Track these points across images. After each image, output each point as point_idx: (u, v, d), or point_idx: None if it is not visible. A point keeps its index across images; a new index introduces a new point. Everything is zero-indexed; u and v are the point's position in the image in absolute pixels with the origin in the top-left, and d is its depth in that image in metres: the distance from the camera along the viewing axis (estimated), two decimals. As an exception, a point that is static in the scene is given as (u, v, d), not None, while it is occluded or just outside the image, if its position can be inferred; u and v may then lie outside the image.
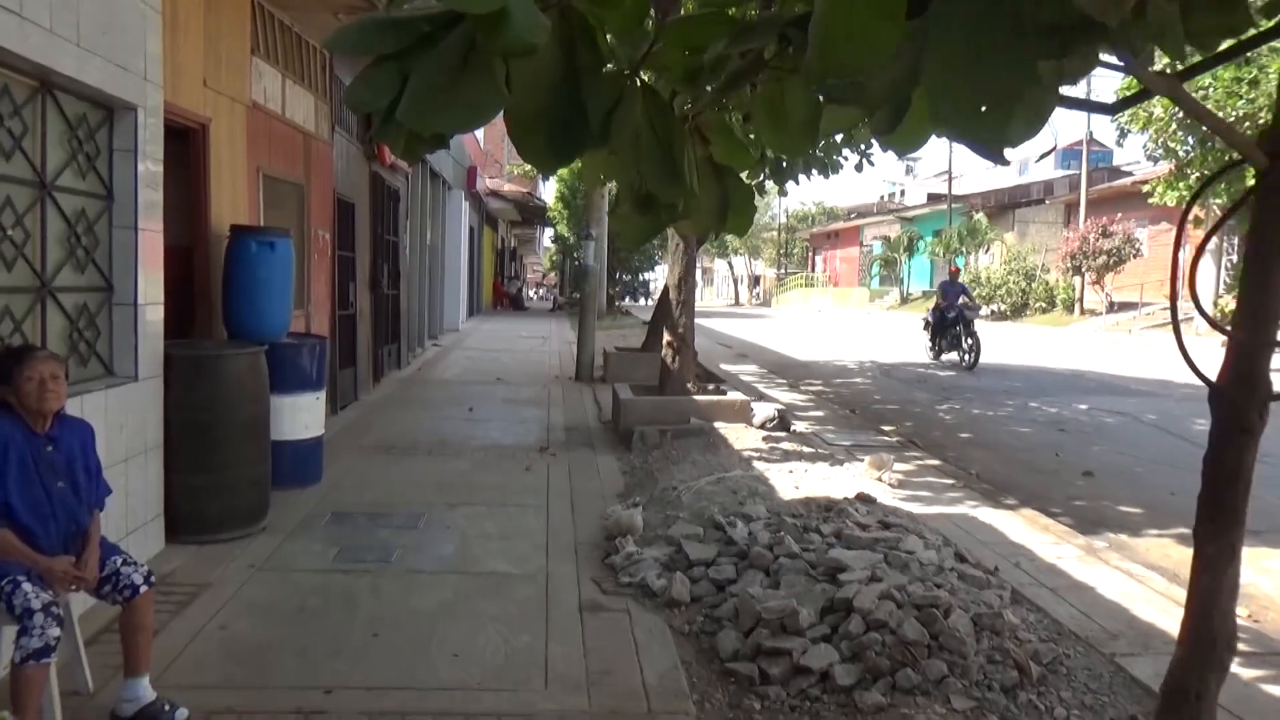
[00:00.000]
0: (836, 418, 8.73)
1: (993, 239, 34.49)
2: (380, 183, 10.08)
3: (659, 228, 1.85)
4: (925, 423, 9.29)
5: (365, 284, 9.45)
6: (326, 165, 7.84)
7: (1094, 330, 24.64)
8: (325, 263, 7.84)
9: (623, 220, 1.82)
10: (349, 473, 6.02)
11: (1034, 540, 4.67)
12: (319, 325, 7.64)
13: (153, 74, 4.16)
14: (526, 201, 28.67)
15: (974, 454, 7.69)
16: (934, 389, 11.99)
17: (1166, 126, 20.16)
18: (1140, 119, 20.76)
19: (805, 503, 4.83)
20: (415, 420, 8.08)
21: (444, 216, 17.05)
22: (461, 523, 5.03)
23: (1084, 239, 26.14)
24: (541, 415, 8.59)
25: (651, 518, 4.92)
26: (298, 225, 7.19)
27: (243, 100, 5.98)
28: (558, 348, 15.83)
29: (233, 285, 5.41)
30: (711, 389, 8.10)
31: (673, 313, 7.67)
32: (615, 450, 7.07)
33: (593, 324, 11.27)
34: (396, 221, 11.17)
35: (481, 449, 6.95)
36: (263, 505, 4.80)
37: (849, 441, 7.17)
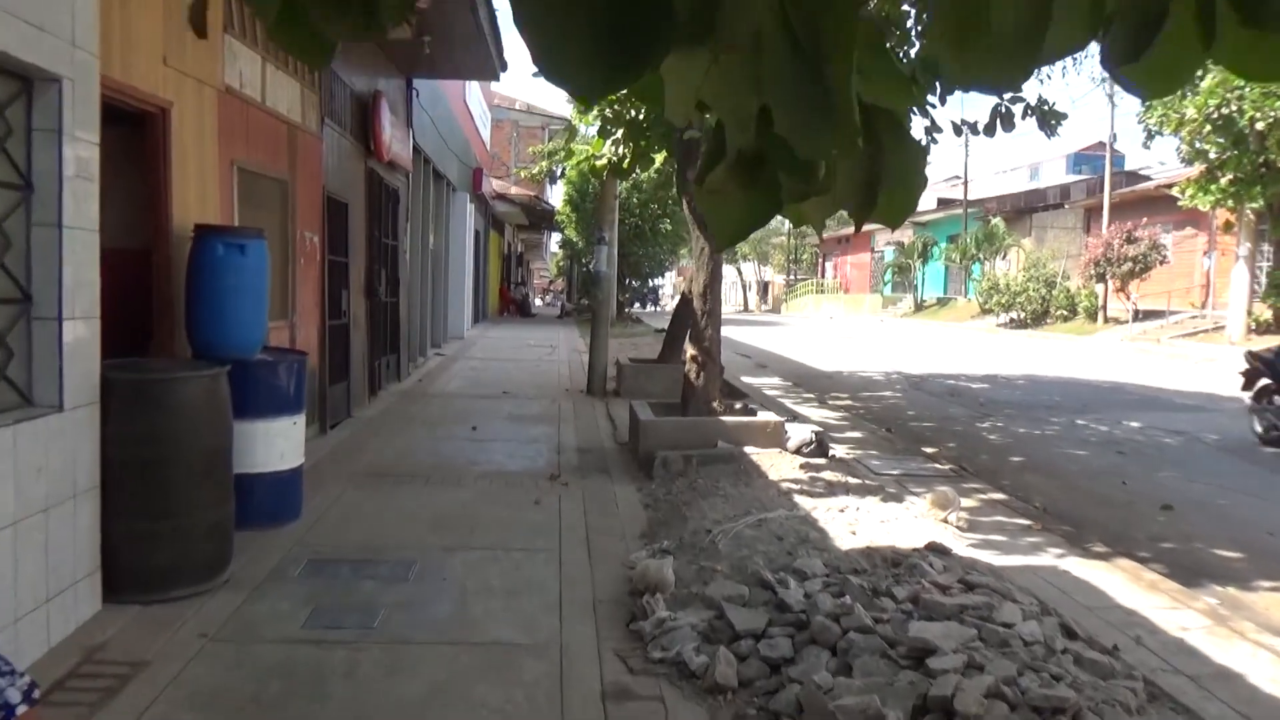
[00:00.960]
0: (875, 440, 7.96)
1: (1010, 244, 33.67)
2: (377, 181, 9.36)
3: (770, 211, 1.11)
4: (969, 443, 8.51)
5: (360, 291, 8.73)
6: (315, 160, 7.12)
7: (1120, 339, 23.81)
8: (313, 268, 7.11)
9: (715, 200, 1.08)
10: (334, 507, 5.28)
11: (1145, 603, 3.90)
12: (305, 337, 6.91)
13: (84, 40, 3.43)
14: (534, 205, 27.96)
15: (1032, 481, 6.92)
16: (970, 404, 11.21)
17: (1200, 128, 19.36)
18: (1172, 120, 19.99)
19: (867, 554, 4.06)
20: (413, 441, 7.34)
21: (448, 219, 16.34)
22: (460, 572, 4.28)
23: (1108, 245, 25.32)
24: (551, 434, 7.85)
25: (683, 569, 4.16)
26: (280, 226, 6.46)
27: (213, 83, 5.25)
28: (567, 357, 15.09)
29: (197, 294, 4.68)
30: (739, 408, 7.34)
31: (697, 323, 6.92)
32: (634, 478, 6.32)
33: (605, 334, 10.53)
34: (396, 224, 10.45)
35: (485, 476, 6.20)
36: (223, 554, 4.06)
37: (897, 470, 6.40)
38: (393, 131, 9.55)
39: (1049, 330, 27.89)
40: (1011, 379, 14.24)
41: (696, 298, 6.96)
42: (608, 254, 10.47)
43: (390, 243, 10.12)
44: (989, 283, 31.27)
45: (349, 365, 8.18)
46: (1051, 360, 18.47)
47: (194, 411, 3.84)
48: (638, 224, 24.72)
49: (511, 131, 35.12)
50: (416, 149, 12.01)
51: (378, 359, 9.48)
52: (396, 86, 10.56)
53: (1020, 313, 29.51)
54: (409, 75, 11.06)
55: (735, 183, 1.04)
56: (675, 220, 25.59)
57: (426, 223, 13.50)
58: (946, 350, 20.97)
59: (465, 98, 18.14)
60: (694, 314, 7.00)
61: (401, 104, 10.77)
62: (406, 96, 11.10)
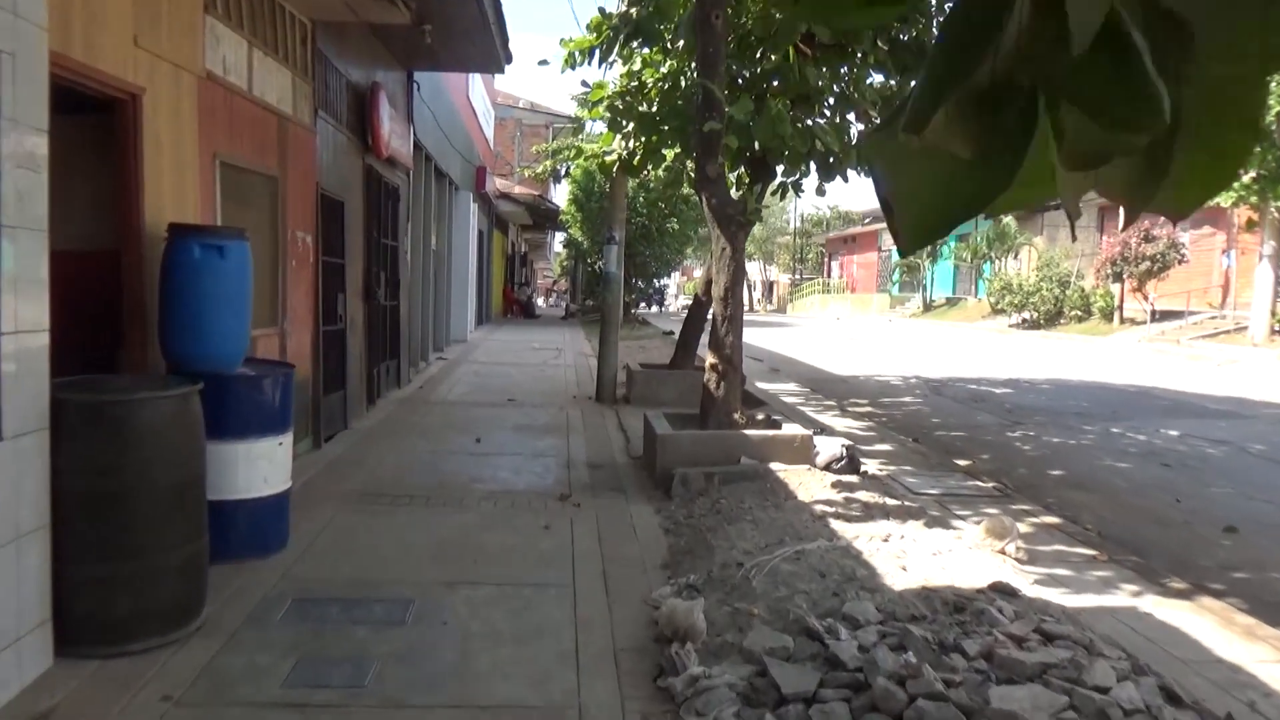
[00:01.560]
0: (906, 453, 7.47)
1: (1022, 243, 33.13)
2: (376, 179, 8.89)
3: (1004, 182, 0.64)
4: (1003, 455, 8.02)
5: (358, 294, 8.26)
6: (308, 155, 6.66)
7: (1137, 340, 23.28)
8: (306, 270, 6.65)
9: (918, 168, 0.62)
10: (324, 533, 4.81)
11: (1246, 655, 3.42)
12: (298, 345, 6.45)
13: (30, 11, 2.96)
14: (538, 204, 27.51)
15: (1077, 498, 6.44)
16: (996, 410, 10.72)
17: (1223, 123, 18.79)
18: (1193, 115, 19.42)
19: (924, 596, 3.59)
20: (412, 455, 6.87)
21: (451, 219, 15.89)
22: (463, 613, 3.82)
23: (1125, 244, 24.78)
24: (560, 447, 7.37)
25: (714, 611, 3.69)
26: (270, 226, 6.00)
27: (192, 69, 4.79)
28: (573, 361, 14.62)
29: (171, 301, 4.22)
30: (761, 419, 6.86)
31: (717, 330, 6.44)
32: (651, 497, 5.85)
33: (615, 338, 10.06)
34: (396, 223, 9.99)
35: (490, 496, 5.73)
36: (195, 597, 3.59)
37: (936, 489, 5.92)
38: (392, 126, 9.09)
39: (1063, 331, 27.36)
40: (1035, 383, 13.74)
41: (716, 301, 6.49)
42: (617, 254, 10.00)
43: (390, 243, 9.66)
44: (1001, 282, 30.73)
45: (345, 373, 7.72)
46: (1071, 363, 17.96)
47: (160, 436, 3.37)
48: (644, 224, 24.24)
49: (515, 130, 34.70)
50: (417, 145, 11.55)
51: (376, 365, 9.02)
52: (396, 79, 10.09)
53: (1033, 313, 28.97)
54: (409, 67, 10.60)
55: (968, 135, 0.58)
56: (683, 220, 25.12)
57: (428, 222, 13.04)
58: (961, 352, 20.47)
59: (468, 92, 17.68)
60: (713, 319, 6.52)
61: (402, 97, 10.31)
62: (407, 90, 10.64)
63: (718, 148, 6.42)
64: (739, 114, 6.07)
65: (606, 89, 8.96)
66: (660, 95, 8.87)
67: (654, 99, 8.86)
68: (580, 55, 8.44)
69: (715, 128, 6.21)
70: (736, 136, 6.36)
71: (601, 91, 8.93)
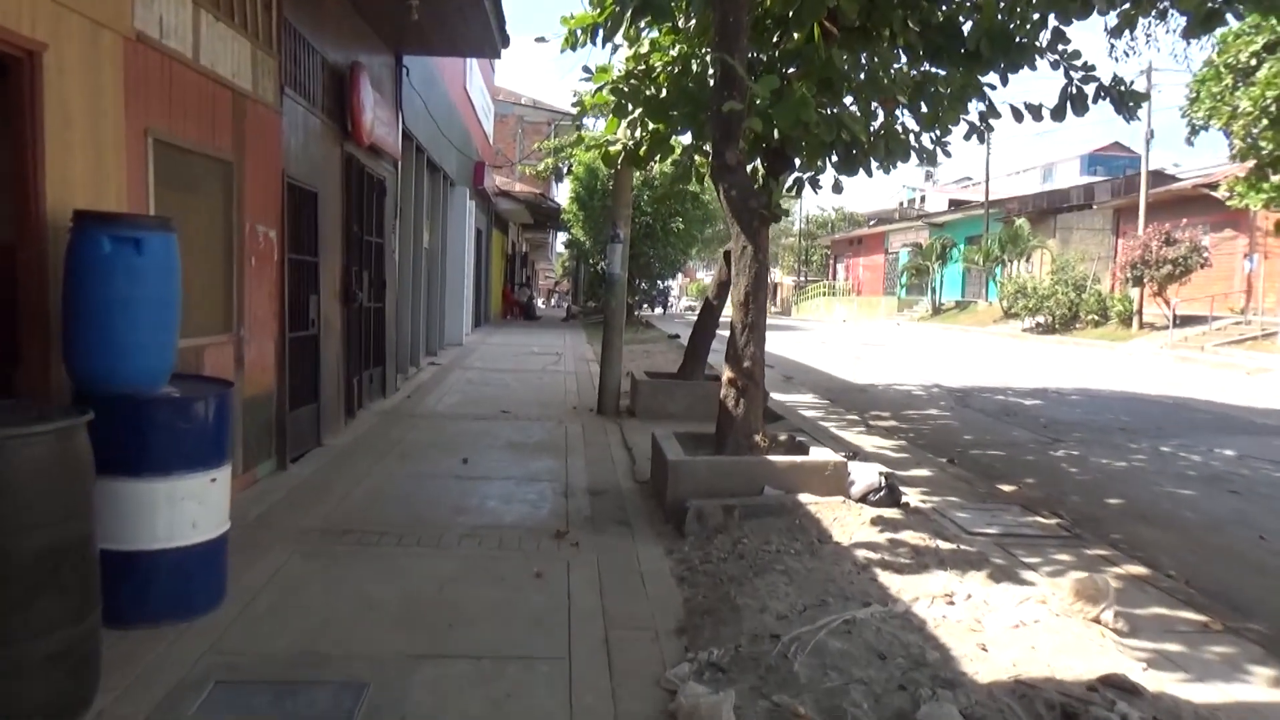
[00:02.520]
0: (945, 478, 6.66)
1: (1036, 246, 32.32)
2: (357, 169, 8.09)
3: None
4: (1051, 479, 7.21)
5: (335, 296, 7.47)
6: (271, 139, 5.86)
7: (1159, 347, 22.46)
8: (269, 269, 5.85)
9: None
10: (270, 587, 4.00)
11: None
12: (258, 355, 5.66)
13: None
14: (539, 203, 26.72)
15: (1146, 535, 5.63)
16: (1030, 424, 9.91)
17: (1255, 121, 18.01)
18: (1223, 114, 18.64)
19: (1020, 694, 2.78)
20: (389, 479, 6.07)
21: (446, 216, 15.09)
22: (428, 703, 3.01)
23: (1145, 246, 23.97)
24: (557, 470, 6.57)
25: (747, 704, 2.89)
26: (222, 217, 5.21)
27: (117, 27, 3.99)
28: (574, 367, 13.82)
29: (75, 307, 3.43)
30: (784, 440, 6.05)
31: (736, 340, 5.63)
32: (661, 533, 5.05)
33: (619, 344, 9.26)
34: (382, 218, 9.19)
35: (474, 532, 4.92)
36: (80, 689, 2.79)
37: (992, 527, 5.10)
38: (376, 111, 8.29)
39: (1079, 336, 26.54)
40: (1064, 393, 12.93)
41: (735, 308, 5.68)
42: (622, 254, 9.19)
43: (374, 240, 8.87)
44: (1015, 286, 29.91)
45: (318, 384, 6.91)
46: (1095, 371, 17.15)
47: (24, 488, 2.56)
48: (649, 222, 23.44)
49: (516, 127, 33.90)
50: (407, 135, 10.75)
51: (357, 374, 8.22)
52: (383, 62, 9.30)
53: (1048, 317, 28.15)
54: (398, 50, 9.81)
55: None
56: (688, 219, 24.31)
57: (420, 218, 12.24)
58: (978, 358, 19.66)
59: (466, 84, 16.89)
60: (731, 328, 5.71)
61: (389, 82, 9.51)
62: (395, 74, 9.84)
63: (738, 132, 5.62)
64: (764, 92, 5.28)
65: (611, 73, 8.16)
66: (669, 80, 8.07)
67: (662, 84, 8.08)
68: (583, 34, 7.64)
69: (735, 108, 5.40)
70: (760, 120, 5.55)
71: (605, 75, 8.14)
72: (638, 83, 7.91)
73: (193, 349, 4.75)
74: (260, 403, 5.76)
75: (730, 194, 5.66)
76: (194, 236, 4.84)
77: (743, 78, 5.45)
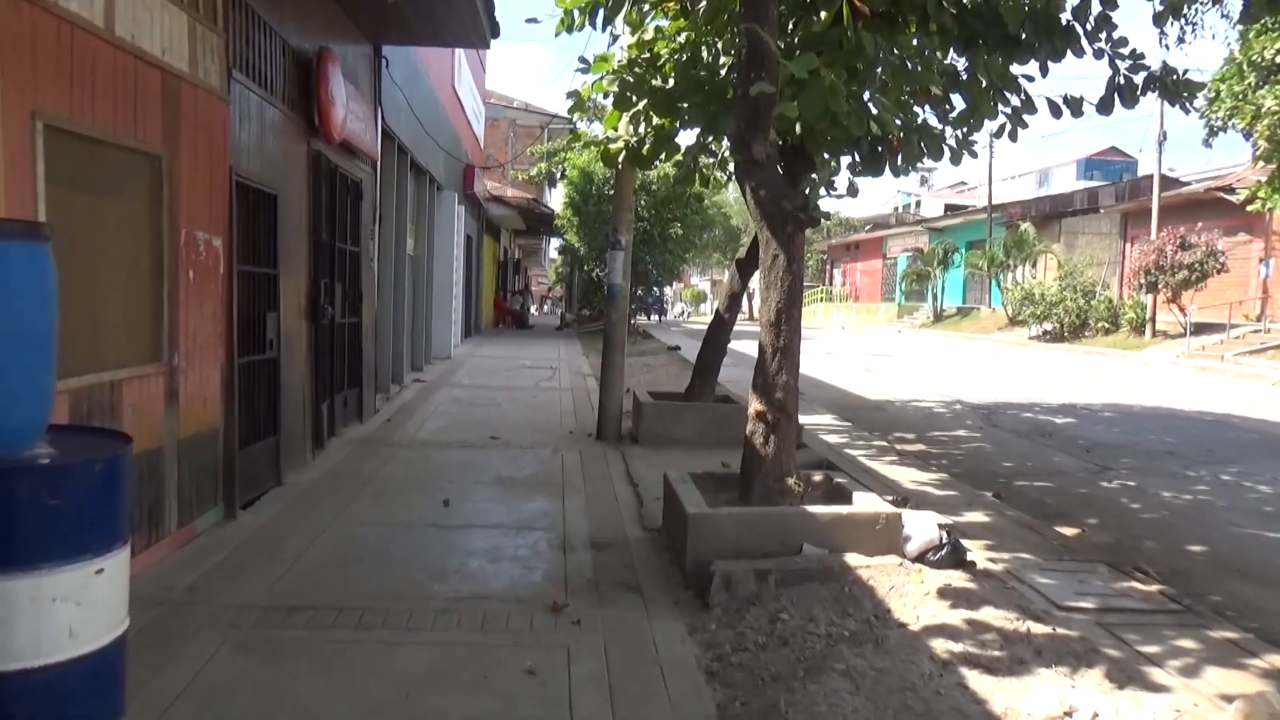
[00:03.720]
0: (1000, 520, 5.77)
1: (1041, 250, 31.56)
2: (328, 169, 7.21)
3: None
4: (1113, 517, 6.36)
5: (300, 312, 6.58)
6: (215, 130, 4.97)
7: (1175, 356, 21.66)
8: (212, 284, 4.96)
9: None
10: (187, 697, 3.11)
11: None
12: (198, 385, 4.76)
13: None
14: (532, 208, 25.85)
15: (1247, 595, 4.78)
16: (1069, 447, 9.05)
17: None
18: (1246, 114, 17.86)
19: None
20: (355, 531, 5.17)
21: (433, 222, 14.21)
22: None
23: (1160, 251, 23.19)
24: (553, 514, 5.68)
25: None
26: (148, 223, 4.32)
27: (-13, -23, 3.11)
28: (569, 382, 12.93)
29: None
30: (819, 480, 5.17)
31: (766, 365, 4.74)
32: (679, 602, 4.17)
33: (620, 362, 8.37)
34: (358, 224, 8.31)
35: (452, 606, 4.03)
36: None
37: (1086, 599, 4.21)
38: (350, 106, 7.41)
39: (1089, 344, 25.74)
40: (1094, 410, 12.09)
41: (766, 328, 4.79)
42: (624, 261, 8.31)
43: (349, 248, 7.98)
44: (1022, 292, 29.11)
45: (279, 414, 6.02)
46: (1118, 383, 16.33)
47: None
48: (646, 228, 22.56)
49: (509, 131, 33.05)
50: (388, 134, 9.88)
51: (326, 399, 7.32)
52: (359, 53, 8.42)
53: (1056, 324, 27.34)
54: (377, 40, 8.93)
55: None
56: (687, 225, 23.46)
57: (403, 224, 11.35)
58: (991, 369, 18.83)
59: (454, 82, 16.02)
60: (760, 352, 4.83)
61: (366, 74, 8.63)
62: (374, 67, 8.96)
63: (768, 120, 4.75)
64: (801, 71, 4.41)
65: (611, 62, 7.29)
66: (676, 68, 7.21)
67: (668, 74, 7.22)
68: (580, 14, 6.80)
69: (766, 91, 4.53)
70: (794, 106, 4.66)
71: (606, 65, 7.27)
72: (642, 71, 7.05)
73: (104, 385, 3.86)
74: (202, 442, 4.87)
75: (759, 194, 4.78)
76: (108, 246, 3.96)
77: (774, 53, 4.59)
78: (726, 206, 46.72)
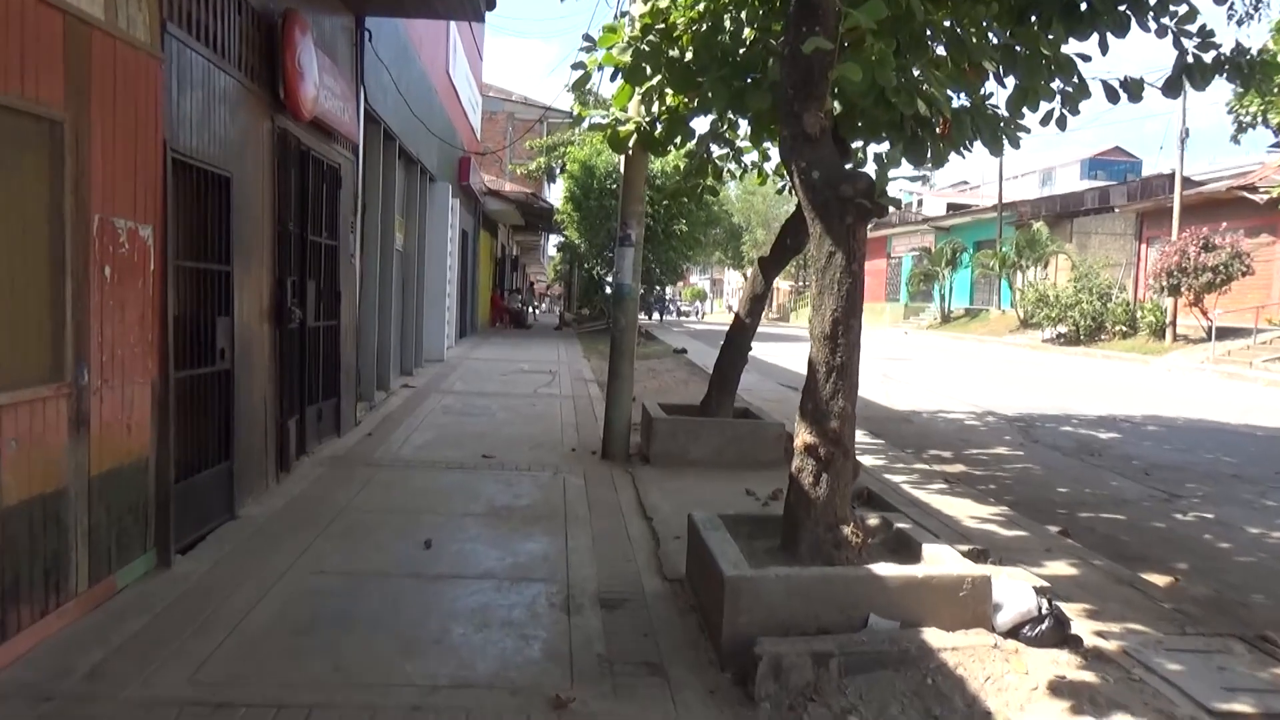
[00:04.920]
0: (1102, 579, 4.83)
1: (1054, 251, 30.68)
2: (296, 151, 6.31)
3: None
4: (1203, 559, 5.47)
5: (261, 315, 5.68)
6: (144, 94, 4.06)
7: (1200, 362, 20.78)
8: (139, 282, 4.06)
9: None
10: None
11: None
12: (119, 407, 3.87)
13: None
14: (531, 203, 24.92)
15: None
16: (1124, 468, 8.17)
17: (1319, 115, 16.35)
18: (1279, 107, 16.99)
19: None
20: (313, 584, 4.27)
21: (425, 215, 13.30)
22: None
23: (1182, 253, 22.31)
24: (555, 557, 4.79)
25: None
26: (49, 206, 3.41)
27: None
28: (570, 388, 12.03)
29: None
30: (876, 524, 4.28)
31: (817, 388, 3.84)
32: (716, 694, 3.28)
33: (629, 373, 7.48)
34: (335, 215, 7.42)
35: (427, 702, 3.13)
36: None
37: (1239, 698, 3.29)
38: (324, 80, 6.51)
39: (1106, 348, 24.85)
40: (1134, 422, 11.21)
41: (819, 341, 3.89)
42: (634, 259, 7.42)
43: (324, 241, 7.09)
44: (1036, 294, 28.22)
45: (230, 436, 5.12)
46: (1146, 391, 15.46)
47: None
48: (650, 224, 21.66)
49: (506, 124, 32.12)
50: (373, 117, 8.97)
51: (295, 414, 6.42)
52: (337, 24, 7.51)
53: (1071, 328, 26.45)
54: (359, 11, 8.02)
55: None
56: (691, 221, 22.56)
57: (390, 217, 10.45)
58: (1012, 374, 17.93)
59: (449, 68, 15.09)
60: (811, 370, 3.94)
61: (345, 47, 7.72)
62: (355, 40, 8.06)
63: (823, 84, 3.86)
64: (869, 19, 3.50)
65: (621, 34, 6.39)
66: (695, 39, 6.31)
67: (685, 46, 6.34)
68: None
69: (823, 47, 3.64)
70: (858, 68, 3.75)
71: (614, 37, 6.37)
72: (658, 41, 6.15)
73: (-29, 415, 2.96)
74: (124, 478, 3.97)
75: (810, 176, 3.89)
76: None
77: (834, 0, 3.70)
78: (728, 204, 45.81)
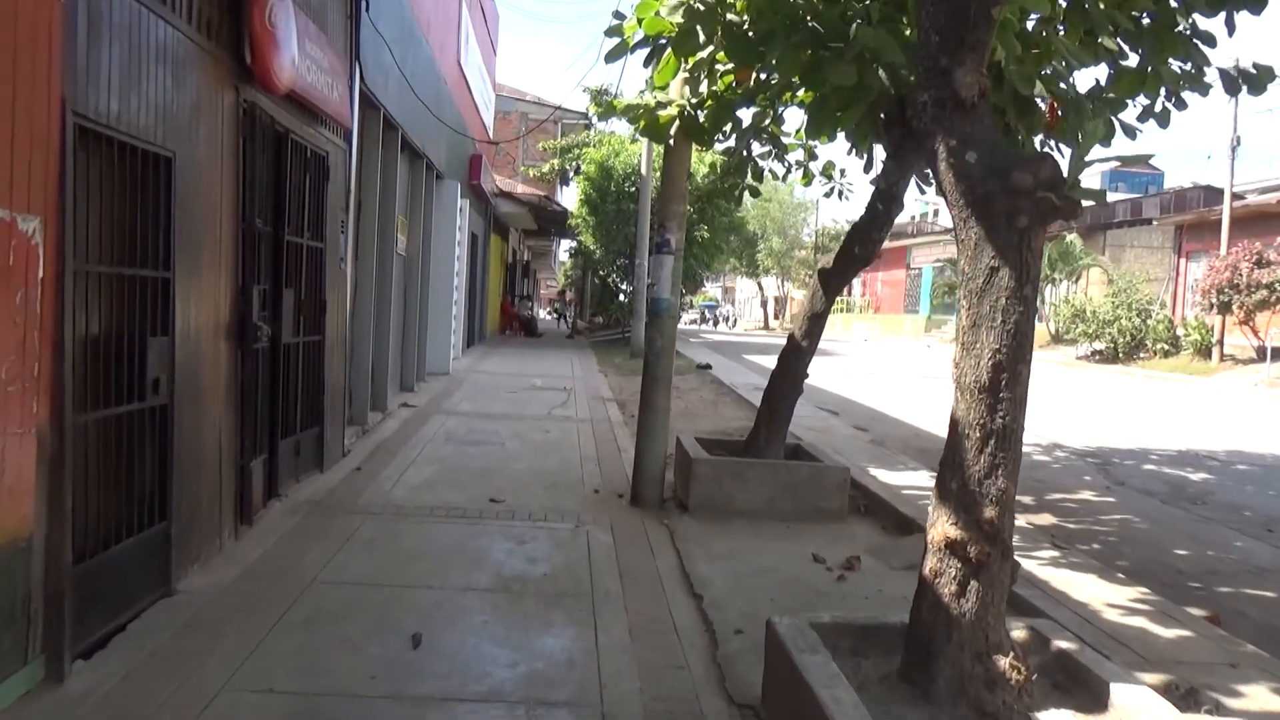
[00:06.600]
0: None
1: (1090, 264, 29.45)
2: (268, 131, 5.19)
3: None
4: None
5: (218, 332, 4.54)
6: (31, 39, 2.93)
7: (1253, 384, 19.54)
8: (17, 295, 2.92)
9: None
10: None
11: None
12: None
13: None
14: (544, 206, 23.83)
15: None
16: (1238, 520, 6.98)
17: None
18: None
19: None
20: (255, 705, 3.12)
21: (431, 215, 12.18)
22: None
23: (1234, 269, 21.07)
24: (581, 662, 3.63)
25: None
26: None
27: None
28: (588, 409, 10.88)
29: None
30: (1025, 639, 3.12)
31: (963, 457, 2.69)
32: None
33: (665, 404, 6.31)
34: (321, 211, 6.30)
35: None
36: None
37: None
38: (306, 48, 5.40)
39: (1148, 367, 23.59)
40: (1220, 459, 10.00)
41: (967, 395, 2.74)
42: (673, 269, 6.26)
43: (306, 242, 5.97)
44: (1072, 309, 26.98)
45: (165, 491, 3.98)
46: (1211, 417, 14.24)
47: None
48: (669, 230, 20.52)
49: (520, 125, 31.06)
50: (370, 102, 7.87)
51: (262, 453, 5.29)
52: (329, -14, 6.40)
53: (1109, 344, 25.20)
54: (354, -24, 6.92)
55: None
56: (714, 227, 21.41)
57: (390, 216, 9.33)
58: (1060, 396, 16.66)
59: (460, 58, 14.01)
60: (954, 431, 2.80)
61: (337, 16, 6.61)
62: (350, 9, 6.94)
63: (985, 27, 2.72)
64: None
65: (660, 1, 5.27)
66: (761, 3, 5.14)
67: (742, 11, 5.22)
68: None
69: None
70: None
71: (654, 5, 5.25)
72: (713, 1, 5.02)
73: None
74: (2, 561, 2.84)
75: (961, 160, 2.73)
76: None
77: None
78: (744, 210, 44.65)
